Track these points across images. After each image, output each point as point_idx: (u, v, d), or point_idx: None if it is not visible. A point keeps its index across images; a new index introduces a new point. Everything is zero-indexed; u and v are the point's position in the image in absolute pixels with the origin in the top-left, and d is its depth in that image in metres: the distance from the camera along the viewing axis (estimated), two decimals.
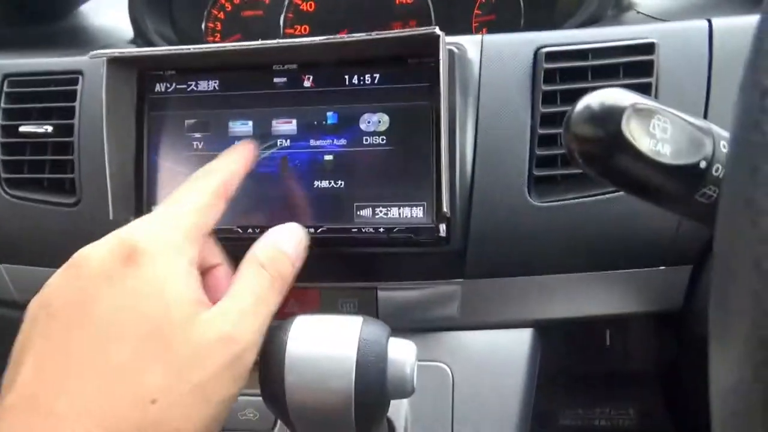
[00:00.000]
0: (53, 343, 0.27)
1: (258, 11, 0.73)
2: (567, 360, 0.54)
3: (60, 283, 0.29)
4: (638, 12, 0.62)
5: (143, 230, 0.30)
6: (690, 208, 0.24)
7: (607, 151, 0.22)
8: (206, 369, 0.28)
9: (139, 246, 0.29)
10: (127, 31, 0.73)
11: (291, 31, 0.73)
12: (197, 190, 0.34)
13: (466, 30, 0.70)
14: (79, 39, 0.76)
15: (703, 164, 0.22)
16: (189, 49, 0.41)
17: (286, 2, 0.72)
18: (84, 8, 0.83)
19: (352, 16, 0.72)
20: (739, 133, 0.17)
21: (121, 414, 0.25)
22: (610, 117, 0.22)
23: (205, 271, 0.34)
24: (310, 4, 0.73)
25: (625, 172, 0.23)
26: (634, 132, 0.22)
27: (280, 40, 0.41)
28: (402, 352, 0.33)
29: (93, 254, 0.29)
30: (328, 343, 0.32)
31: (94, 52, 0.41)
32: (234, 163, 0.38)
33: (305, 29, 0.73)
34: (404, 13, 0.71)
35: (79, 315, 0.27)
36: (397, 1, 0.71)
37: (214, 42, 0.74)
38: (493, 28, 0.70)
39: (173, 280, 0.29)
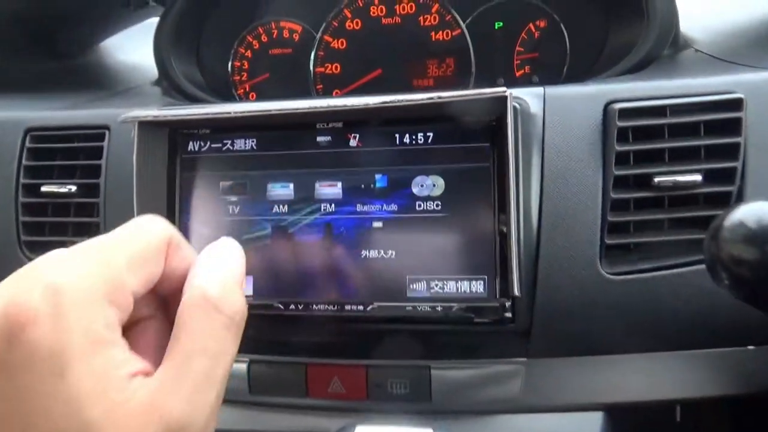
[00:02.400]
0: None
1: (287, 49, 0.70)
2: None
3: None
4: (697, 50, 0.58)
5: (43, 295, 0.21)
6: None
7: (765, 275, 0.18)
8: None
9: (31, 315, 0.20)
10: (151, 69, 0.70)
11: (321, 69, 0.69)
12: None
13: (508, 69, 0.66)
14: (102, 77, 0.73)
15: None
16: (229, 112, 0.37)
17: (317, 40, 0.69)
18: (106, 44, 0.80)
19: (385, 54, 0.68)
20: None
21: None
22: None
23: (129, 326, 0.25)
24: (342, 42, 0.69)
25: None
26: None
27: (329, 101, 0.38)
28: None
29: None
30: None
31: (124, 116, 0.37)
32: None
33: (336, 68, 0.69)
34: (441, 50, 0.68)
35: None
36: (434, 38, 0.68)
37: (241, 81, 0.71)
38: (537, 66, 0.66)
39: (82, 365, 0.21)
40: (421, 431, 0.30)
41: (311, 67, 0.69)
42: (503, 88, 0.35)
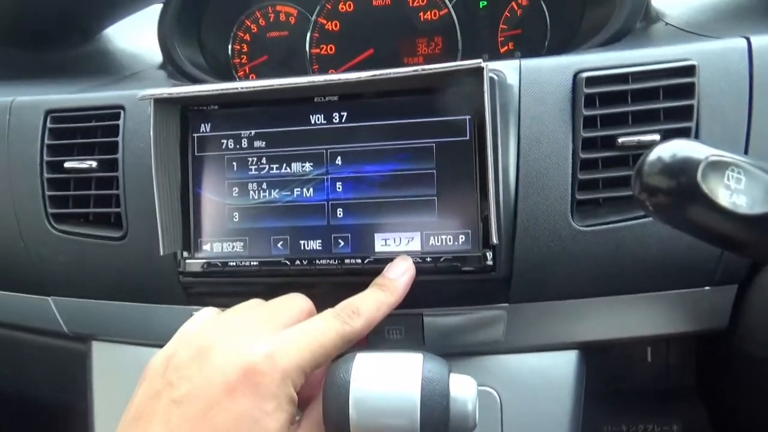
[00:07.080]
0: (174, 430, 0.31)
1: (283, 32, 0.74)
2: (610, 377, 0.54)
3: (185, 365, 0.33)
4: (667, 23, 0.62)
5: (267, 354, 0.33)
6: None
7: (680, 203, 0.23)
8: None
9: (258, 369, 0.32)
10: (155, 54, 0.74)
11: (317, 50, 0.73)
12: (333, 330, 0.36)
13: (493, 46, 0.70)
14: (108, 64, 0.77)
15: None
16: (237, 87, 0.42)
17: (312, 22, 0.73)
18: (108, 31, 0.84)
19: (376, 34, 0.72)
20: None
21: None
22: (685, 169, 0.22)
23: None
24: (335, 23, 0.73)
25: (698, 222, 0.23)
26: (711, 184, 0.22)
27: (325, 76, 0.42)
28: (463, 389, 0.34)
29: (219, 354, 0.33)
30: (391, 382, 0.33)
31: (143, 93, 0.42)
32: (385, 306, 0.40)
33: (331, 48, 0.74)
34: (429, 29, 0.72)
35: (198, 416, 0.31)
36: (422, 18, 0.72)
37: (241, 63, 0.75)
38: (520, 42, 0.70)
39: (273, 413, 0.32)
40: (413, 355, 0.34)
41: (307, 49, 0.73)
42: (479, 60, 0.39)
